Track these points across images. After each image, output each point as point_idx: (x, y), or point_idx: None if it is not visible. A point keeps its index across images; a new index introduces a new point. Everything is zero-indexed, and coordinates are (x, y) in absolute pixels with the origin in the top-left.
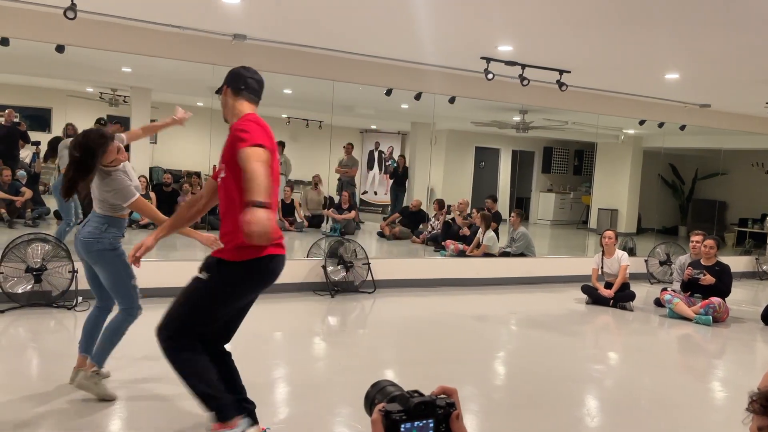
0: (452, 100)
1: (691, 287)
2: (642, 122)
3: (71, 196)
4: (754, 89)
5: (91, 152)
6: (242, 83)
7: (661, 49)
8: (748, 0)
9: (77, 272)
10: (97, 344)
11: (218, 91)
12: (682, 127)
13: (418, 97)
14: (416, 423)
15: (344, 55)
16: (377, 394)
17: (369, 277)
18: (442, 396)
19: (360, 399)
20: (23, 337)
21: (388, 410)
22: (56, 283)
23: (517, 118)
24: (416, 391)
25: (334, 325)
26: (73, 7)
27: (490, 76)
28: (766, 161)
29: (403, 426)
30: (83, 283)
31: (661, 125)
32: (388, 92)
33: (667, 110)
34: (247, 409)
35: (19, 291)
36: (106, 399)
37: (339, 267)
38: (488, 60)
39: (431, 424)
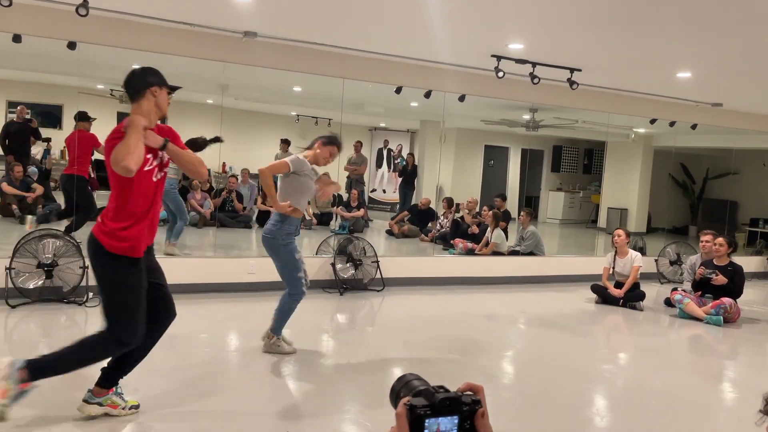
0: (462, 99)
1: (702, 287)
2: (653, 121)
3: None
4: (767, 88)
5: None
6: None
7: (673, 48)
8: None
9: (88, 268)
10: (274, 320)
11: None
12: (694, 126)
13: (427, 95)
14: (441, 418)
15: (354, 52)
16: (402, 388)
17: (378, 275)
18: (468, 393)
19: (368, 396)
20: (34, 332)
21: (413, 404)
22: (67, 278)
23: (526, 117)
24: (442, 387)
25: (343, 323)
26: (85, 4)
27: (500, 74)
28: None
29: (427, 421)
30: (93, 279)
31: (672, 124)
32: (398, 90)
33: (679, 109)
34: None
35: (31, 286)
36: (291, 353)
37: (348, 265)
38: (499, 58)
39: (456, 421)
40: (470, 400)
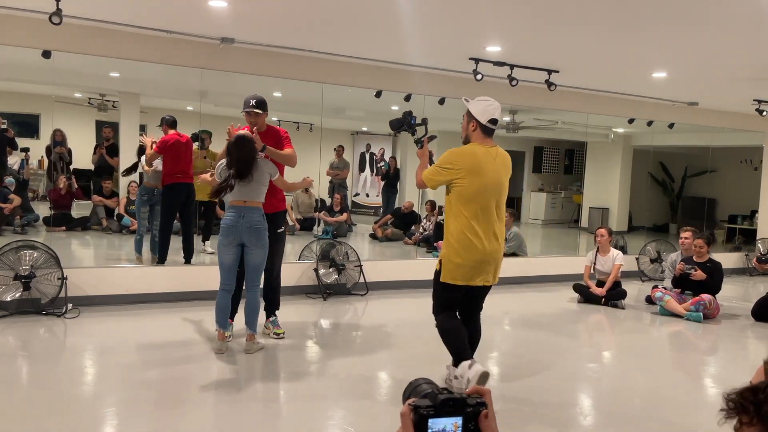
0: (442, 102)
1: (682, 284)
2: (631, 121)
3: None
4: (741, 87)
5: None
6: None
7: (649, 48)
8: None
9: (66, 279)
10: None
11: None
12: (671, 125)
13: (407, 98)
14: (444, 419)
15: (333, 57)
16: (412, 392)
17: (361, 280)
18: (474, 395)
19: (353, 401)
20: (12, 345)
21: (416, 405)
22: (45, 290)
23: (507, 119)
24: (446, 389)
25: (327, 328)
26: (58, 12)
27: (479, 77)
28: (754, 158)
29: (430, 421)
30: (72, 290)
31: (649, 124)
32: (378, 94)
33: (656, 108)
34: None
35: (8, 299)
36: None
37: (331, 270)
38: (477, 61)
39: (460, 422)
40: (474, 402)
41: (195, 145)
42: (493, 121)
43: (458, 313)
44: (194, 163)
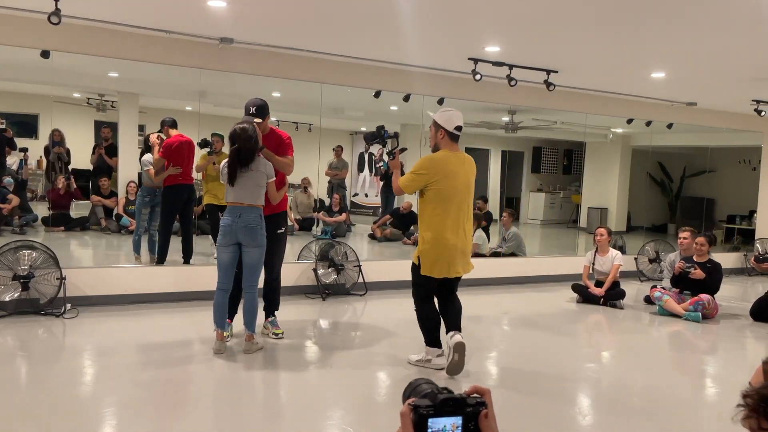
0: (441, 102)
1: (681, 283)
2: (630, 121)
3: None
4: (739, 87)
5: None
6: None
7: (648, 48)
8: (732, 0)
9: (65, 279)
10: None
11: None
12: (670, 126)
13: (406, 98)
14: (444, 418)
15: (332, 57)
16: (412, 392)
17: (360, 280)
18: (474, 395)
19: (352, 401)
20: (11, 345)
21: (416, 404)
22: (44, 290)
23: (505, 119)
24: (446, 388)
25: (326, 328)
26: (57, 12)
27: (477, 77)
28: (753, 158)
29: (430, 420)
30: (71, 290)
31: (648, 124)
32: (377, 94)
33: (655, 109)
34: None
35: (6, 299)
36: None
37: (330, 270)
38: (476, 61)
39: (459, 422)
40: (474, 402)
41: (204, 151)
42: (459, 128)
43: (437, 299)
44: (205, 170)
